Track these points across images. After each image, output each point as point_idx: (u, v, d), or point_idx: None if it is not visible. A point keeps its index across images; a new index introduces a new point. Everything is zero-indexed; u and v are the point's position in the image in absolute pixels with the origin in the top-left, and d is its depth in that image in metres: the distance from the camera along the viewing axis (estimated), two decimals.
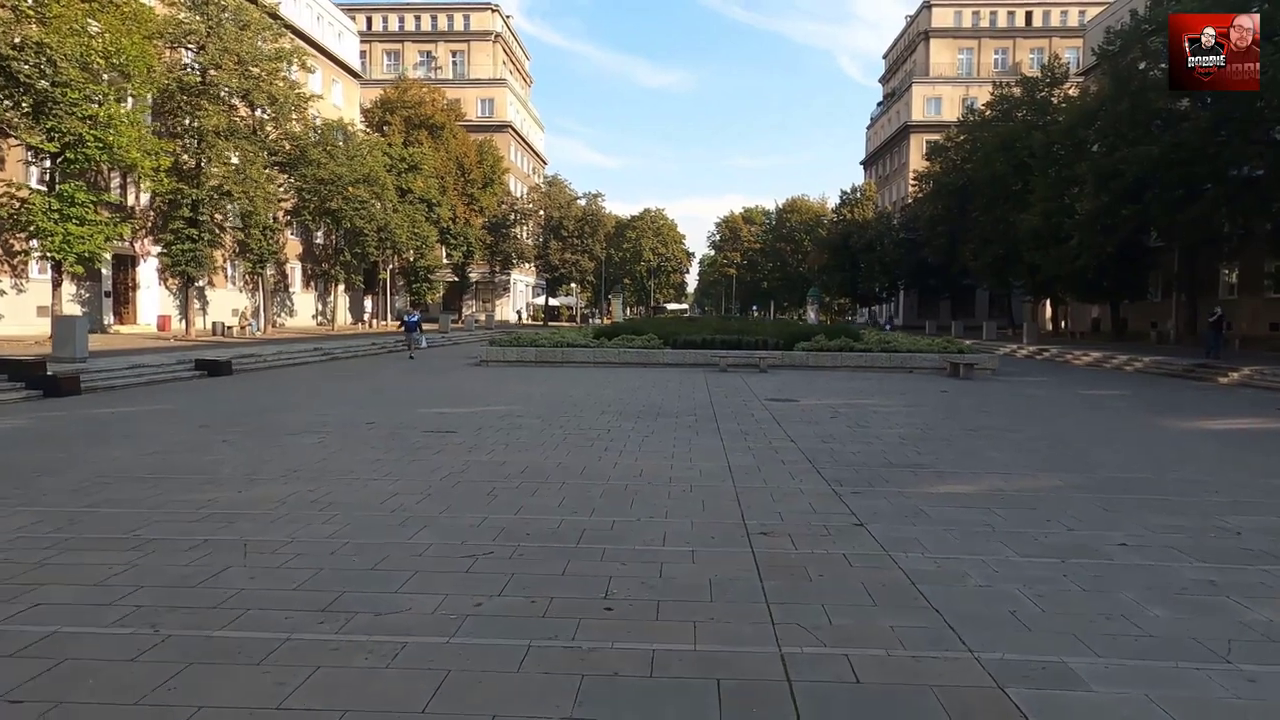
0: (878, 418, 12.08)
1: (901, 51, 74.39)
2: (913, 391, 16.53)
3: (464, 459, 8.36)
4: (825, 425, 11.16)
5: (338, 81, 52.40)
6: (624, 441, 9.60)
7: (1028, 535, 5.65)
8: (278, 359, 23.29)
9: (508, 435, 10.00)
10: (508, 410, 12.52)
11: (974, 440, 10.09)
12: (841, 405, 13.71)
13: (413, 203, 45.58)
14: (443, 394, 15.22)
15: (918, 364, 21.87)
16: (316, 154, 33.00)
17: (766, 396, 14.85)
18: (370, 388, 16.62)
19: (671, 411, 12.55)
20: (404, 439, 9.63)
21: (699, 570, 4.82)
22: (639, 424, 11.10)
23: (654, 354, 22.78)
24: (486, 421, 11.21)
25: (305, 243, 47.13)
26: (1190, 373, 22.28)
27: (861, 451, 9.05)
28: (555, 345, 23.10)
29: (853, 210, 63.66)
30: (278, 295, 44.79)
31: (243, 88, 29.05)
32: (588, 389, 16.12)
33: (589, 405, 13.30)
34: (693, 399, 14.42)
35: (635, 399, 14.33)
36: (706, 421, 11.44)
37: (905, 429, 10.95)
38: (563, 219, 64.14)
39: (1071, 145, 37.46)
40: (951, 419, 12.20)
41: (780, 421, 11.46)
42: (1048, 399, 15.77)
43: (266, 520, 5.85)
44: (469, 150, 54.17)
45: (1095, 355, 28.41)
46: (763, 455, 8.75)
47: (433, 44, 72.25)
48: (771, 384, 17.63)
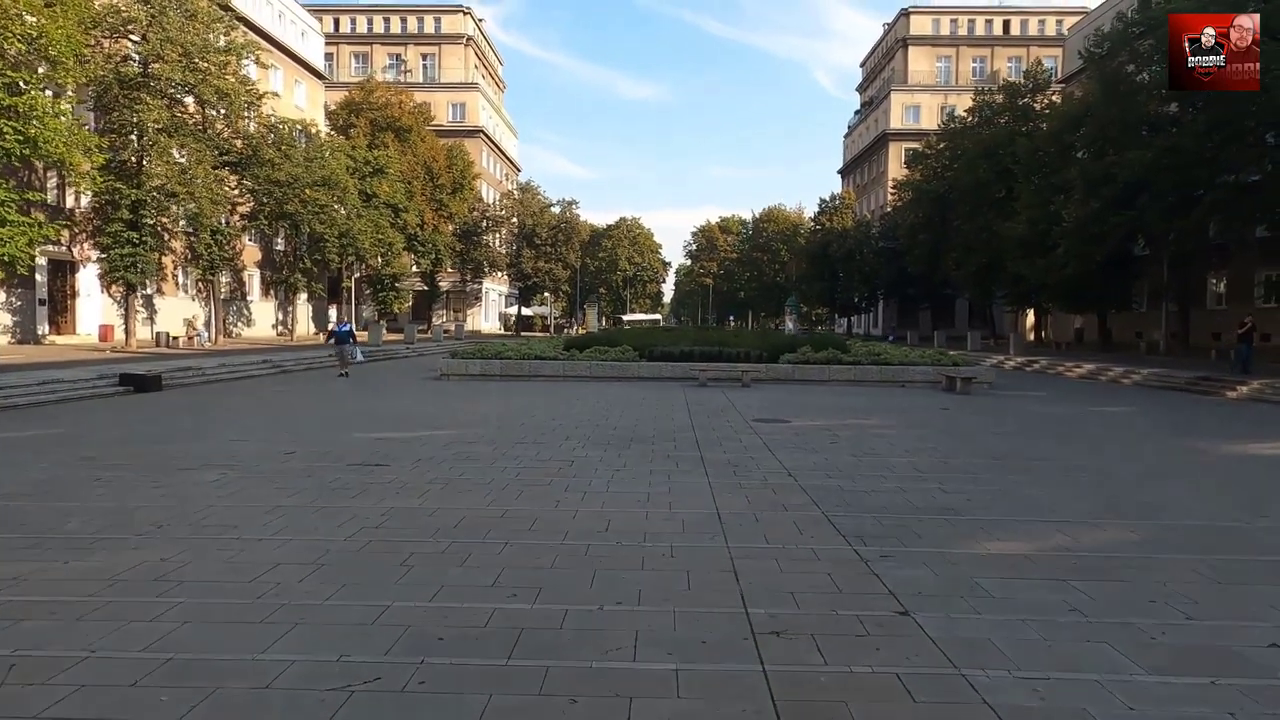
0: (883, 442, 10.55)
1: (879, 59, 73.82)
2: (912, 409, 15.06)
3: (386, 505, 6.66)
4: (826, 453, 9.61)
5: (301, 82, 50.38)
6: (589, 478, 7.95)
7: (1139, 630, 4.09)
8: (219, 373, 21.33)
9: (450, 469, 8.31)
10: (458, 435, 10.81)
11: (1004, 473, 8.57)
12: (839, 427, 12.17)
13: (377, 207, 43.60)
14: (389, 414, 13.45)
15: (910, 377, 20.47)
16: (271, 154, 31.00)
17: (753, 416, 13.28)
18: (309, 406, 14.80)
19: (647, 436, 10.92)
20: (321, 476, 7.90)
21: (687, 713, 3.19)
22: (609, 454, 9.45)
23: (628, 367, 21.16)
24: (429, 450, 9.50)
25: (265, 249, 44.96)
26: (1194, 386, 21.11)
27: (876, 490, 7.48)
28: (522, 358, 21.39)
29: (831, 218, 62.65)
30: (234, 304, 42.62)
31: (188, 82, 27.00)
32: (554, 408, 14.45)
33: (553, 428, 11.63)
34: (671, 420, 12.82)
35: (606, 420, 12.69)
36: (688, 449, 9.83)
37: (918, 457, 9.43)
38: (536, 226, 62.37)
39: (1057, 151, 36.59)
40: (966, 443, 10.71)
41: (773, 448, 9.89)
42: (1058, 417, 14.38)
43: (70, 616, 4.11)
44: (438, 154, 52.29)
45: (1089, 367, 27.28)
46: (759, 497, 7.14)
47: (402, 46, 70.32)
48: (757, 401, 16.09)
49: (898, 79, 66.21)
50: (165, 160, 26.72)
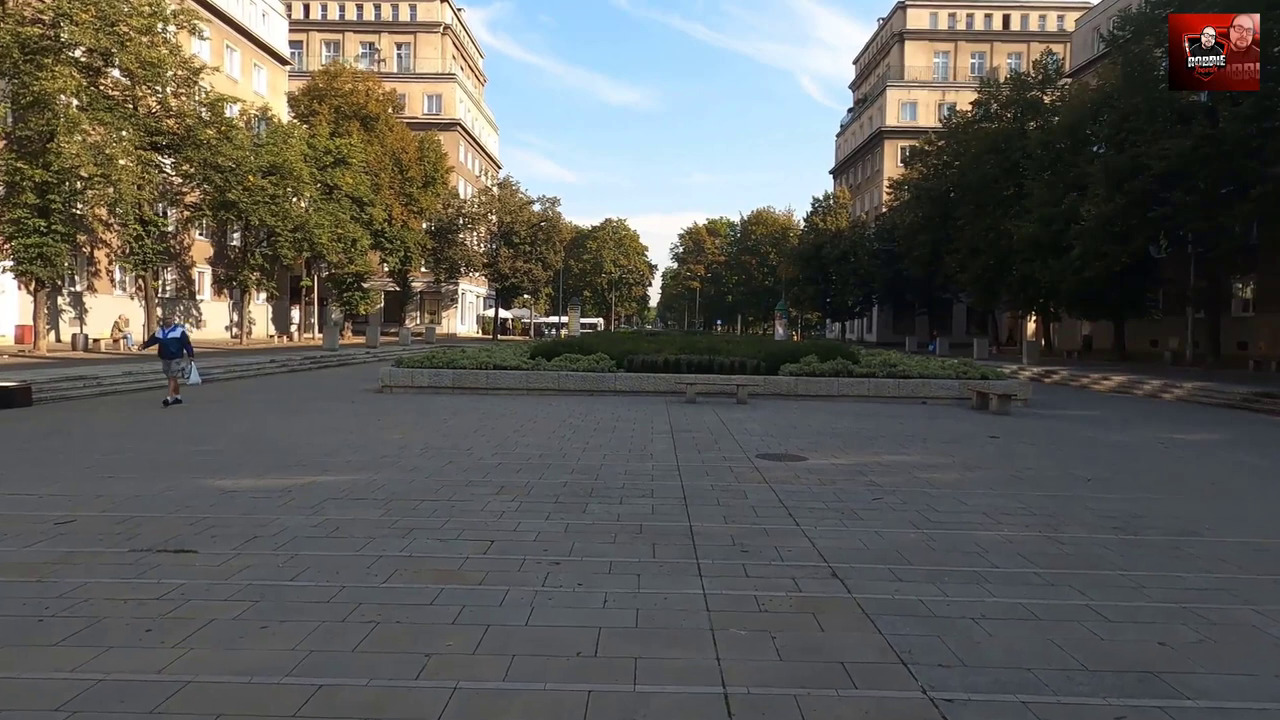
0: (944, 497, 7.52)
1: (874, 55, 71.19)
2: (952, 436, 12.06)
3: (107, 666, 3.54)
4: (873, 520, 6.56)
5: (261, 67, 46.97)
6: (506, 586, 4.85)
7: None
8: (120, 383, 18.08)
9: (288, 562, 5.19)
10: (347, 485, 7.67)
11: (1155, 559, 5.55)
12: (873, 467, 9.14)
13: (339, 200, 40.25)
14: (276, 446, 10.25)
15: (932, 393, 17.49)
16: (208, 135, 27.65)
17: (757, 450, 10.22)
18: (188, 430, 11.55)
19: (614, 487, 7.83)
20: (61, 576, 4.76)
21: None
22: (552, 524, 6.35)
23: (604, 378, 18.04)
24: (286, 517, 6.37)
25: (218, 244, 41.50)
26: (1254, 403, 18.30)
27: (988, 616, 4.43)
28: (479, 367, 18.20)
29: (825, 219, 59.80)
30: (181, 303, 39.16)
31: (104, 48, 23.63)
32: (503, 435, 11.33)
33: (488, 471, 8.52)
34: (650, 455, 9.73)
35: (565, 455, 9.59)
36: (671, 513, 6.75)
37: (1008, 527, 6.40)
38: (514, 224, 59.09)
39: (1071, 144, 33.90)
40: (1055, 497, 7.69)
41: (795, 512, 6.83)
42: (1136, 449, 11.41)
43: None
44: (408, 146, 48.93)
45: (1118, 379, 24.46)
46: (794, 641, 4.07)
47: (376, 34, 66.92)
48: (758, 424, 13.03)
49: (894, 74, 63.53)
50: (78, 138, 23.35)
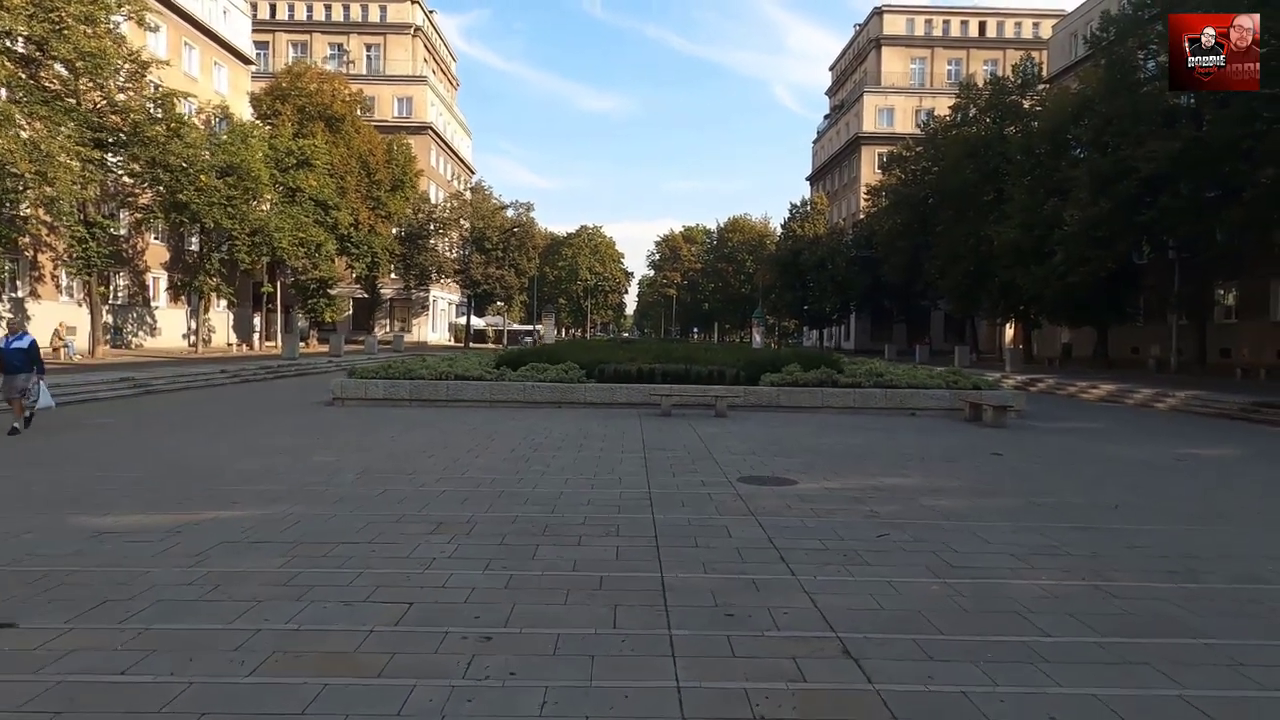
0: (960, 532, 6.41)
1: (850, 62, 70.86)
2: (952, 453, 11.00)
3: None
4: (878, 562, 5.42)
5: (222, 65, 45.22)
6: (412, 678, 3.61)
7: None
8: None
9: (133, 637, 3.91)
10: (253, 521, 6.39)
11: (1240, 615, 4.47)
12: (872, 493, 8.03)
13: (302, 203, 38.65)
14: (191, 469, 8.89)
15: (923, 404, 16.49)
16: (155, 132, 26.06)
17: (740, 472, 9.08)
18: (103, 450, 10.15)
19: (573, 521, 6.63)
20: None
21: None
22: (491, 577, 5.12)
23: (573, 389, 16.82)
24: (153, 569, 5.07)
25: (174, 249, 39.68)
26: (1256, 414, 17.53)
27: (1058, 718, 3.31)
28: (438, 378, 16.88)
29: (803, 225, 59.09)
30: (134, 310, 37.33)
31: (37, 35, 22.06)
32: (454, 455, 10.08)
33: (428, 503, 7.27)
34: (618, 480, 8.54)
35: (520, 481, 8.37)
36: (637, 558, 5.56)
37: (1050, 573, 5.29)
38: (486, 229, 57.65)
39: (1051, 148, 33.38)
40: (1085, 529, 6.60)
41: (786, 552, 5.68)
42: (1154, 466, 10.43)
43: None
44: (375, 148, 47.39)
45: (1107, 388, 23.71)
46: None
47: (345, 35, 65.30)
48: (739, 440, 11.90)
49: (870, 80, 63.15)
50: (8, 132, 21.73)
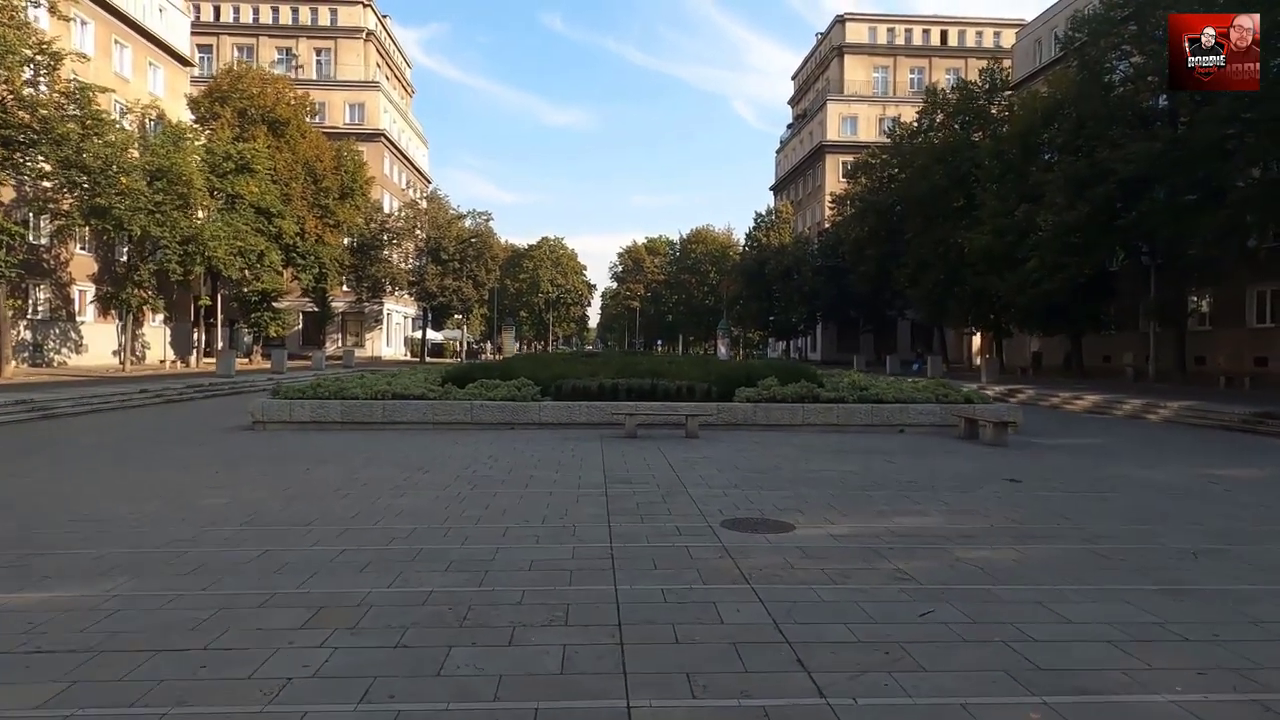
0: (1021, 602, 4.82)
1: (813, 70, 70.41)
2: (962, 480, 9.49)
3: None
4: (933, 663, 3.79)
5: (158, 66, 42.67)
6: None
7: None
8: None
9: None
10: (54, 609, 4.50)
11: None
12: (887, 540, 6.43)
13: (242, 210, 36.30)
14: (30, 521, 6.96)
15: (912, 420, 15.06)
16: (68, 130, 23.75)
17: (722, 513, 7.41)
18: None
19: (506, 600, 4.88)
20: None
21: None
22: (368, 714, 3.39)
23: (526, 409, 15.04)
24: None
25: (103, 260, 36.99)
26: (1259, 426, 16.46)
27: None
28: (373, 397, 14.97)
29: (768, 234, 58.06)
30: (56, 325, 34.60)
31: None
32: (371, 495, 8.26)
33: (312, 571, 5.46)
34: (570, 531, 6.82)
35: (446, 533, 6.60)
36: (590, 667, 3.82)
37: (1182, 678, 3.71)
38: (443, 239, 55.53)
39: (1022, 151, 32.61)
40: (1189, 594, 5.07)
41: (800, 647, 4.00)
42: (1192, 493, 9.04)
43: None
44: (323, 153, 45.11)
45: (1091, 398, 22.71)
46: None
47: (294, 40, 62.82)
48: (716, 467, 10.26)
49: (834, 89, 62.61)
50: None
